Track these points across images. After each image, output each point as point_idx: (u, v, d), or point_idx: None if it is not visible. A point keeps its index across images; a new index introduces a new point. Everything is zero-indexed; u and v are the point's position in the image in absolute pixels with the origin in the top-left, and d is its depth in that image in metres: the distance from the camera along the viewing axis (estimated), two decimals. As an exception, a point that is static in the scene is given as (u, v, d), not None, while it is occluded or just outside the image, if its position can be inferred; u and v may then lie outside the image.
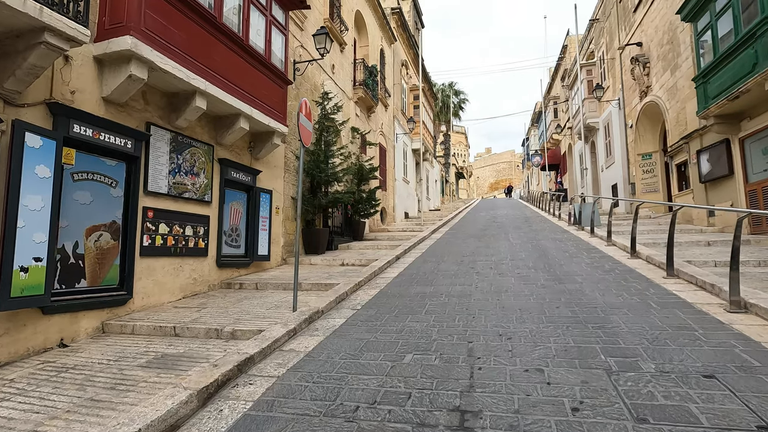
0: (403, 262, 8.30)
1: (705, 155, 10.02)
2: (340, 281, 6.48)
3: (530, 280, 6.03)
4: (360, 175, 12.16)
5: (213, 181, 6.70)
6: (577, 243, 9.28)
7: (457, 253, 9.03)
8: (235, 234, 7.34)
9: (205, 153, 6.52)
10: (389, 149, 18.09)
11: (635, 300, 4.70)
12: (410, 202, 21.98)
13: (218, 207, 6.82)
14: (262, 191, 7.93)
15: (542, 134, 34.39)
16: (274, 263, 8.43)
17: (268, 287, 6.62)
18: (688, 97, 10.89)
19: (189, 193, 6.15)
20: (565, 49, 27.02)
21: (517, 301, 4.94)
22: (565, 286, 5.51)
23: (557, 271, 6.46)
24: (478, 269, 7.08)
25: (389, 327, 4.30)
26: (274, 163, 8.61)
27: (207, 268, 6.55)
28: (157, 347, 4.11)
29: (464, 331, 4.01)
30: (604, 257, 7.41)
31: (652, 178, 14.60)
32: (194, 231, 6.24)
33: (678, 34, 11.38)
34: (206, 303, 5.69)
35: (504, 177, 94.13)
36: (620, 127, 16.65)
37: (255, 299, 5.85)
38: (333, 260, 8.72)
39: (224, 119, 6.80)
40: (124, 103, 5.18)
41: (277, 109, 7.67)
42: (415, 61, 24.10)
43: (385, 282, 6.59)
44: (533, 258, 7.76)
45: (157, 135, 5.64)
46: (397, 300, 5.41)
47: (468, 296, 5.35)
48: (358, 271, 7.41)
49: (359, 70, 13.71)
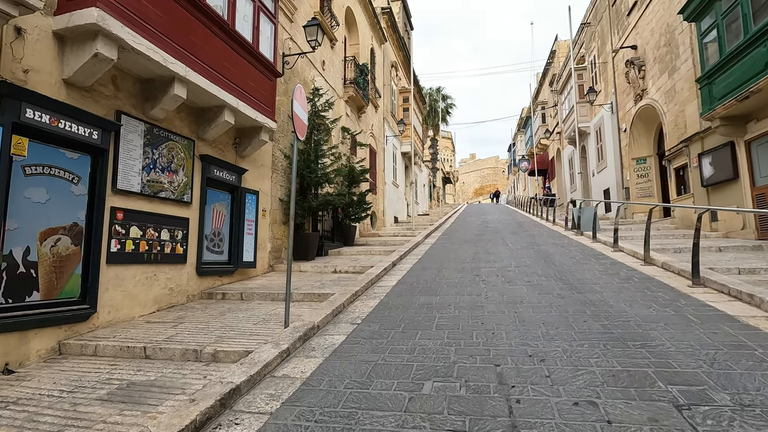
0: (401, 269, 7.74)
1: (707, 158, 9.77)
2: (334, 291, 5.87)
3: (544, 289, 5.53)
4: (351, 177, 11.57)
5: (193, 180, 6.03)
6: (581, 249, 8.87)
7: (457, 259, 8.51)
8: (218, 239, 6.66)
9: (184, 148, 5.86)
10: (379, 152, 17.56)
11: (669, 312, 4.23)
12: (400, 207, 21.47)
13: (199, 208, 6.15)
14: (248, 192, 7.29)
15: (529, 139, 34.40)
16: (260, 270, 7.76)
17: (255, 298, 5.97)
18: (688, 99, 10.67)
19: (166, 193, 5.48)
20: (554, 54, 27.04)
21: (537, 314, 4.42)
22: (585, 296, 5.02)
23: (570, 279, 5.99)
24: (483, 277, 6.56)
25: (398, 346, 3.72)
26: (261, 162, 7.97)
27: (185, 277, 5.86)
28: (122, 373, 3.44)
29: (486, 351, 3.46)
30: (616, 264, 6.99)
31: (647, 183, 14.41)
32: (171, 235, 5.56)
33: (676, 36, 11.18)
34: (184, 317, 5.01)
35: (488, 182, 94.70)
36: (613, 131, 16.49)
37: (240, 312, 5.20)
38: (324, 267, 8.09)
39: (207, 111, 6.16)
40: (90, 88, 4.51)
41: (265, 103, 7.05)
42: (404, 63, 23.72)
43: (384, 291, 6.01)
44: (540, 265, 7.29)
45: (130, 126, 4.97)
46: (401, 312, 4.83)
47: (480, 308, 4.81)
48: (353, 280, 6.82)
49: (350, 68, 13.18)
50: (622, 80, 15.24)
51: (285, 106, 8.93)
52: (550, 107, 28.72)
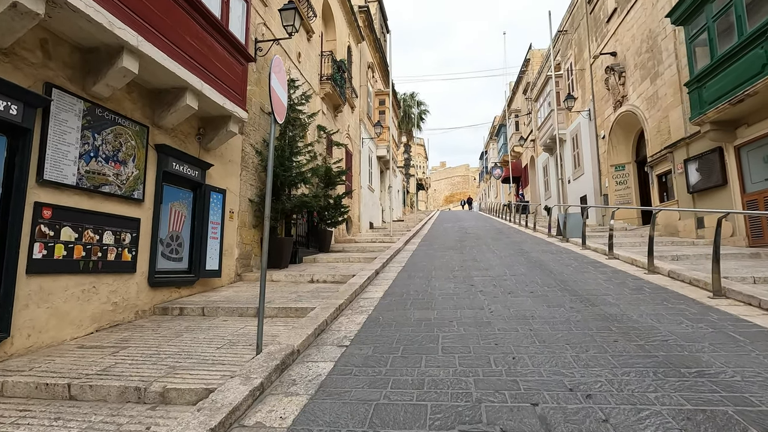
0: (385, 279, 7.00)
1: (694, 164, 9.61)
2: (315, 304, 5.06)
3: (552, 301, 4.94)
4: (327, 179, 10.77)
5: (147, 174, 5.10)
6: (573, 256, 8.43)
7: (445, 266, 7.86)
8: (176, 243, 5.72)
9: (136, 135, 4.93)
10: (355, 154, 16.83)
11: (706, 329, 3.70)
12: (375, 212, 20.76)
13: (153, 207, 5.21)
14: (214, 190, 6.38)
15: (502, 147, 34.58)
16: (226, 280, 6.83)
17: (219, 313, 5.07)
18: (672, 105, 10.56)
19: (110, 187, 4.54)
20: (528, 62, 27.25)
21: (557, 332, 3.80)
22: (601, 310, 4.46)
23: (576, 290, 5.44)
24: (479, 287, 5.92)
25: (401, 377, 2.98)
26: (229, 157, 7.07)
27: (134, 289, 4.90)
28: (32, 424, 2.52)
29: (513, 383, 2.78)
30: (617, 272, 6.52)
31: (626, 190, 14.35)
32: (117, 238, 4.60)
33: (659, 42, 11.11)
34: (130, 339, 4.08)
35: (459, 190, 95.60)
36: (590, 138, 16.46)
37: (200, 331, 4.31)
38: (300, 276, 7.25)
39: (165, 94, 5.25)
40: (9, 51, 3.57)
41: (234, 89, 6.20)
42: (381, 65, 23.18)
43: (371, 305, 5.26)
44: (536, 273, 6.74)
45: (64, 102, 4.03)
46: (396, 331, 4.10)
47: (488, 324, 4.14)
48: (333, 291, 6.02)
49: (327, 63, 12.42)
50: (601, 87, 15.23)
51: (258, 96, 8.07)
52: (524, 115, 28.91)
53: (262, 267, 3.47)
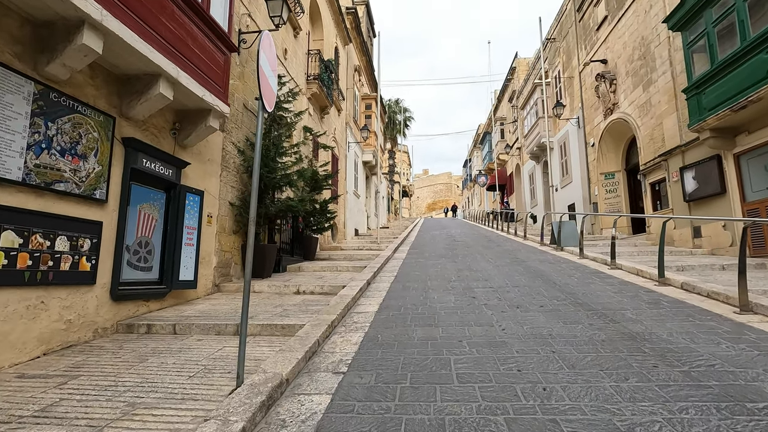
0: (378, 290, 6.47)
1: (690, 172, 9.44)
2: (303, 320, 4.49)
3: (566, 316, 4.49)
4: (313, 183, 10.20)
5: (111, 171, 4.46)
6: (573, 266, 8.06)
7: (440, 276, 7.38)
8: (145, 251, 5.06)
9: (99, 126, 4.30)
10: (341, 158, 16.29)
11: (752, 352, 3.29)
12: (360, 219, 20.21)
13: (118, 209, 4.56)
14: (190, 192, 5.74)
15: (487, 155, 34.57)
16: (202, 292, 6.17)
17: (193, 331, 4.44)
18: (666, 112, 10.42)
19: (66, 185, 3.89)
20: (514, 70, 27.31)
21: (583, 355, 3.33)
22: (623, 327, 4.03)
23: (589, 303, 5.02)
24: (482, 300, 5.45)
25: (415, 415, 2.45)
26: (209, 156, 6.45)
27: (93, 303, 4.24)
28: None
29: (554, 425, 2.28)
30: (625, 284, 6.15)
31: (616, 198, 14.21)
32: (73, 245, 3.95)
33: (653, 49, 11.00)
34: (83, 365, 3.43)
35: (441, 198, 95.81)
36: (579, 145, 16.36)
37: (170, 354, 3.68)
38: (285, 286, 6.64)
39: (135, 80, 4.64)
40: (-64, 15, 2.93)
41: (215, 81, 5.61)
42: (367, 69, 22.79)
43: (366, 320, 4.71)
44: (539, 284, 6.32)
45: (9, 83, 3.39)
46: (400, 353, 3.57)
47: (503, 345, 3.65)
48: (323, 304, 5.46)
49: (314, 63, 11.90)
50: (590, 95, 15.14)
51: (241, 92, 7.48)
52: (509, 123, 28.93)
53: (245, 280, 2.90)
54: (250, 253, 2.91)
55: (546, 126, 17.97)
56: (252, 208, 3.02)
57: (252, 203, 3.05)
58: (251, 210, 2.99)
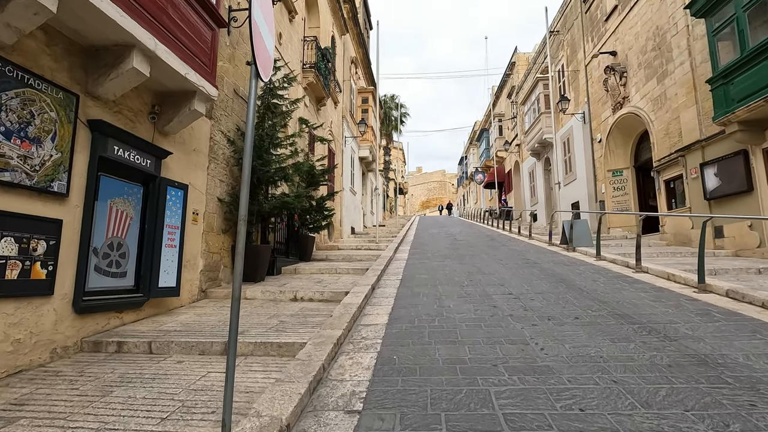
0: (385, 295, 5.81)
1: (712, 169, 8.89)
2: (303, 336, 3.81)
3: (610, 331, 3.87)
4: (310, 178, 9.49)
5: (74, 159, 3.73)
6: (592, 268, 7.47)
7: (450, 280, 6.74)
8: (117, 253, 4.34)
9: (58, 105, 3.57)
10: (338, 153, 15.58)
11: None
12: (357, 216, 19.52)
13: (83, 205, 3.84)
14: (172, 186, 5.02)
15: (484, 152, 34.02)
16: (186, 299, 5.46)
17: (173, 349, 3.74)
18: (684, 105, 9.86)
19: (13, 174, 3.17)
20: (513, 65, 26.73)
21: (655, 387, 2.70)
22: (684, 346, 3.41)
23: (630, 314, 4.40)
24: (505, 309, 4.82)
25: (467, 488, 1.79)
26: (194, 145, 5.72)
27: (51, 318, 3.52)
28: None
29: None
30: (660, 290, 5.55)
31: (624, 196, 13.68)
32: (23, 248, 3.23)
33: (669, 39, 10.43)
34: (28, 400, 2.72)
35: (435, 195, 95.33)
36: (584, 142, 15.81)
37: (141, 384, 2.99)
38: (280, 292, 5.95)
39: (104, 52, 3.92)
40: None
41: (201, 58, 4.89)
42: (364, 62, 22.07)
43: (376, 335, 4.05)
44: (563, 290, 5.70)
45: (-70, 43, 2.66)
46: (424, 381, 2.91)
47: (548, 372, 3.01)
48: (324, 313, 4.79)
49: (310, 50, 11.17)
50: (597, 88, 14.58)
51: (231, 75, 6.75)
52: (508, 119, 28.38)
53: (233, 297, 2.21)
54: (240, 262, 2.23)
55: (552, 122, 17.40)
56: (242, 203, 2.34)
57: (242, 197, 2.37)
58: (241, 206, 2.31)
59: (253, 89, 2.45)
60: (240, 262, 2.25)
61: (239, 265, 2.19)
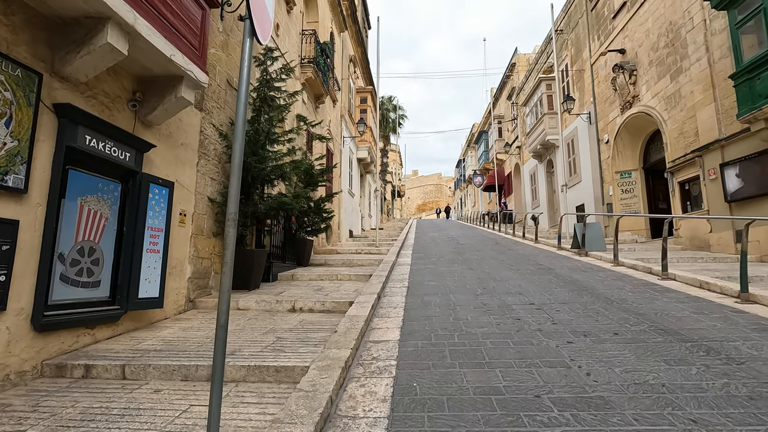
0: (392, 305, 5.26)
1: (733, 169, 8.44)
2: (305, 357, 3.26)
3: (662, 352, 3.34)
4: (308, 178, 8.95)
5: (35, 148, 3.17)
6: (612, 275, 6.96)
7: (461, 287, 6.21)
8: (90, 260, 3.77)
9: (15, 84, 3.01)
10: (336, 153, 15.04)
11: None
12: (355, 219, 18.96)
13: (46, 203, 3.27)
14: (155, 183, 4.45)
15: (483, 154, 33.59)
16: (172, 310, 4.88)
17: (150, 374, 3.16)
18: (701, 103, 9.42)
19: (-48, 165, 2.60)
20: (513, 66, 26.35)
21: (746, 429, 2.18)
22: (756, 371, 2.89)
23: (676, 329, 3.88)
24: (531, 323, 4.28)
25: None
26: (182, 139, 5.16)
27: (2, 338, 2.94)
28: None
29: None
30: (697, 300, 5.04)
31: (632, 198, 13.23)
32: (-35, 254, 2.65)
33: (684, 35, 10.01)
34: (-43, 449, 2.15)
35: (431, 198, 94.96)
36: (590, 142, 15.38)
37: (105, 423, 2.41)
38: (276, 302, 5.38)
39: (74, 25, 3.36)
40: None
41: (188, 39, 4.34)
42: (362, 61, 21.59)
43: (388, 354, 3.50)
44: (589, 300, 5.18)
45: None
46: (456, 421, 2.37)
47: (609, 408, 2.46)
48: (327, 328, 4.24)
49: (309, 44, 10.63)
50: (604, 88, 14.16)
51: (225, 65, 6.21)
52: (508, 121, 27.99)
53: (218, 325, 1.66)
54: (228, 276, 1.67)
55: (557, 122, 16.96)
56: (231, 199, 1.80)
57: (231, 192, 1.82)
58: (230, 202, 1.76)
59: (246, 52, 1.90)
60: (228, 275, 1.70)
61: (226, 282, 1.63)
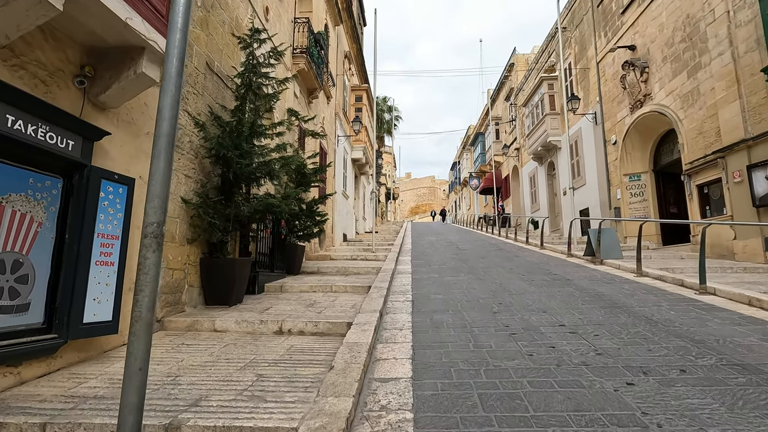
0: (396, 326, 4.46)
1: (762, 171, 7.78)
2: (291, 409, 2.44)
3: (756, 402, 2.59)
4: (300, 177, 8.14)
5: (-76, 128, 2.32)
6: (639, 287, 6.23)
7: (474, 304, 5.43)
8: (14, 277, 2.91)
9: None
10: (330, 153, 14.22)
11: None
12: (349, 222, 18.13)
13: (-59, 203, 2.43)
14: (110, 179, 3.60)
15: (479, 157, 32.96)
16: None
17: None
18: (724, 101, 8.78)
19: None
20: (512, 67, 25.77)
21: None
22: None
23: (755, 364, 3.13)
24: (569, 353, 3.51)
25: None
26: (147, 128, 4.31)
27: None
28: None
29: None
30: (757, 322, 4.31)
31: (642, 202, 12.59)
32: None
33: (703, 28, 9.38)
34: None
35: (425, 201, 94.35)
36: (596, 144, 14.75)
37: None
38: (261, 321, 4.55)
39: (-17, -35, 2.52)
40: None
41: (152, 1, 3.51)
42: (357, 58, 20.83)
43: (400, 401, 2.70)
44: (627, 321, 4.43)
45: None
46: None
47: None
48: (321, 359, 3.42)
49: (302, 33, 9.83)
50: (611, 86, 13.54)
51: (204, 45, 5.39)
52: (505, 122, 27.39)
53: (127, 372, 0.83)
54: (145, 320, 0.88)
55: (560, 123, 16.31)
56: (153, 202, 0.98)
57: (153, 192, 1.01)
58: (147, 209, 0.95)
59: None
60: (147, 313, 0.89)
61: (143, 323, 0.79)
